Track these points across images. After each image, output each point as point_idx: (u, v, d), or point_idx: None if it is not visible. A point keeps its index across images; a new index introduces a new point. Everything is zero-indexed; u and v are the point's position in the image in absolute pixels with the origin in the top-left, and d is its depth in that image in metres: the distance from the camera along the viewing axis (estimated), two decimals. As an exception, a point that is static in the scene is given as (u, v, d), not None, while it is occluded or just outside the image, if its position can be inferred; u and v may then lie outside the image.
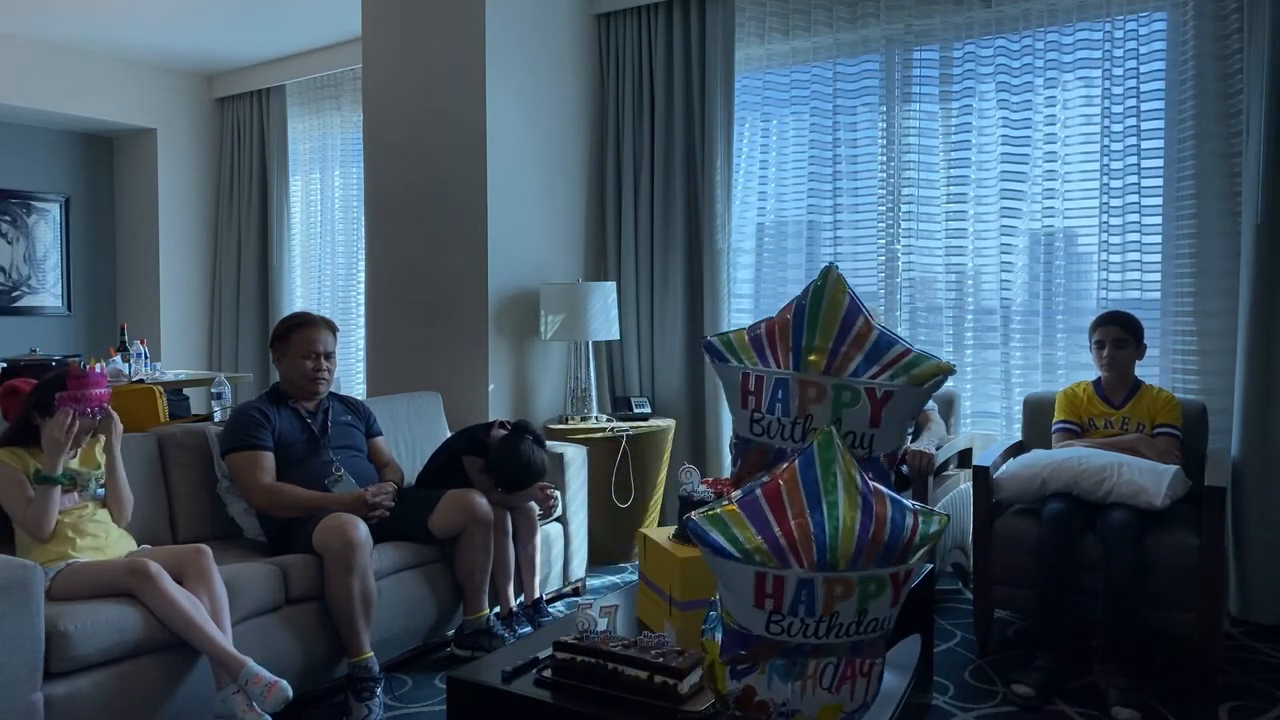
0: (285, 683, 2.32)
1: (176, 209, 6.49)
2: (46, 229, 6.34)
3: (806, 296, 1.94)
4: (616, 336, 4.34)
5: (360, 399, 3.41)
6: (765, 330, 2.00)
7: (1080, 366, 3.74)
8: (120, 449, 2.65)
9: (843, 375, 1.89)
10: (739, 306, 4.51)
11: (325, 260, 6.09)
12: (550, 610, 3.35)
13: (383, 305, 4.47)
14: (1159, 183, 3.58)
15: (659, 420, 4.34)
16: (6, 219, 6.15)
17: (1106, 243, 3.69)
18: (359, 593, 2.68)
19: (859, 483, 1.63)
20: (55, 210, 6.38)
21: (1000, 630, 3.30)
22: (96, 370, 2.71)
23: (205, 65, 6.35)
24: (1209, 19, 3.40)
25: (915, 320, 4.12)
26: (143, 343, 5.03)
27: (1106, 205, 3.68)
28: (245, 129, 6.44)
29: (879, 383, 1.87)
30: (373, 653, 2.69)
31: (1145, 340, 3.27)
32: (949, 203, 4.00)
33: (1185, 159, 3.48)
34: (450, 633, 3.16)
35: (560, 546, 3.63)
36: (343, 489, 2.99)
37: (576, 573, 3.76)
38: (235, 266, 6.46)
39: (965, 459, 3.80)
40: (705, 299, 4.42)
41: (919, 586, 2.49)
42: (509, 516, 3.23)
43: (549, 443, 3.85)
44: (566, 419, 4.25)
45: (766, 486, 1.63)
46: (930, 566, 2.66)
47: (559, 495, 3.42)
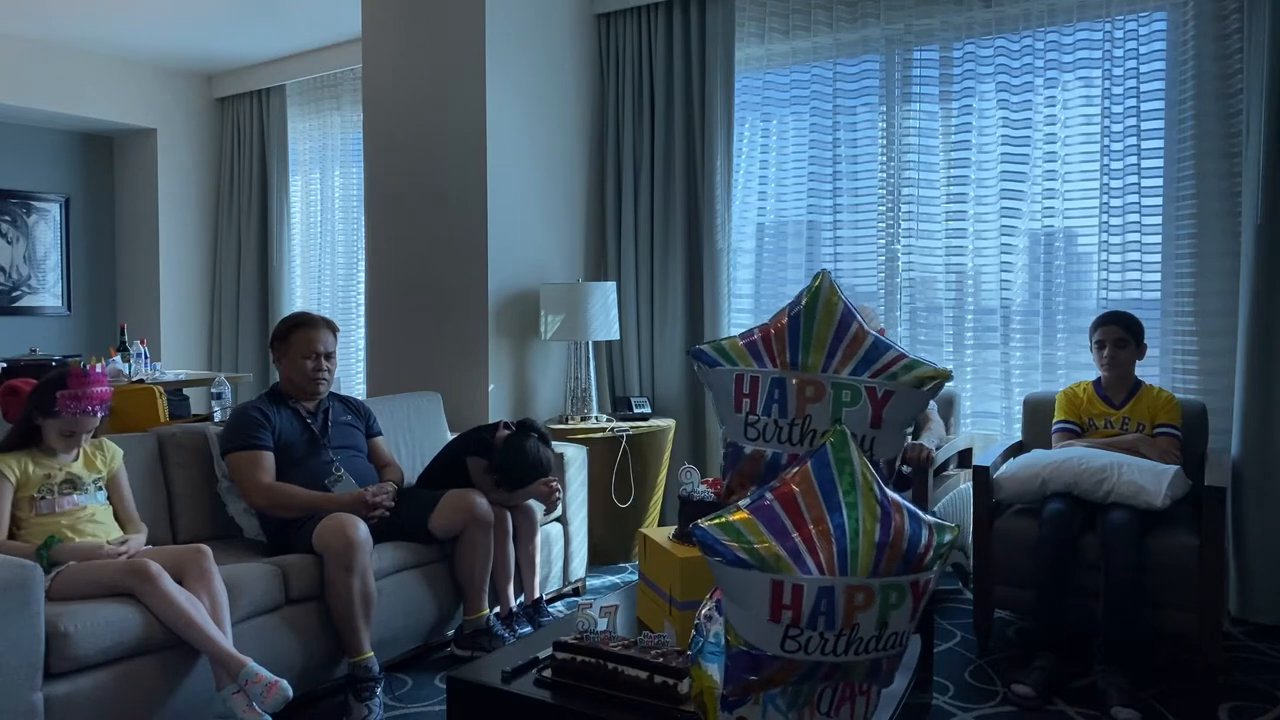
0: (285, 683, 2.32)
1: (176, 209, 6.49)
2: (46, 229, 6.34)
3: (800, 304, 1.91)
4: (616, 336, 4.34)
5: (360, 399, 3.41)
6: (760, 335, 1.95)
7: (1080, 366, 3.74)
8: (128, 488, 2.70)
9: (842, 374, 1.86)
10: (739, 306, 4.51)
11: (325, 260, 6.09)
12: (550, 610, 3.35)
13: (383, 305, 4.47)
14: (1159, 183, 3.58)
15: (659, 420, 4.34)
16: (6, 219, 6.15)
17: (1106, 243, 3.69)
18: (359, 593, 2.68)
19: (875, 487, 1.54)
20: (55, 210, 6.38)
21: (1000, 630, 3.30)
22: (97, 370, 2.71)
23: (205, 65, 6.35)
24: (1209, 19, 3.40)
25: (915, 320, 4.12)
26: (143, 343, 5.03)
27: (1106, 205, 3.68)
28: (245, 129, 6.44)
29: (879, 382, 1.83)
30: (373, 653, 2.69)
31: (1145, 340, 3.27)
32: (949, 203, 4.00)
33: (1185, 159, 3.48)
34: (450, 633, 3.16)
35: (560, 546, 3.63)
36: (343, 489, 2.99)
37: (576, 573, 3.76)
38: (235, 266, 6.46)
39: (965, 459, 3.80)
40: (705, 299, 4.42)
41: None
42: (509, 516, 3.23)
43: (549, 443, 3.86)
44: (566, 419, 4.25)
45: (779, 490, 1.53)
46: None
47: (561, 489, 3.41)
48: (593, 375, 4.31)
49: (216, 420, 3.50)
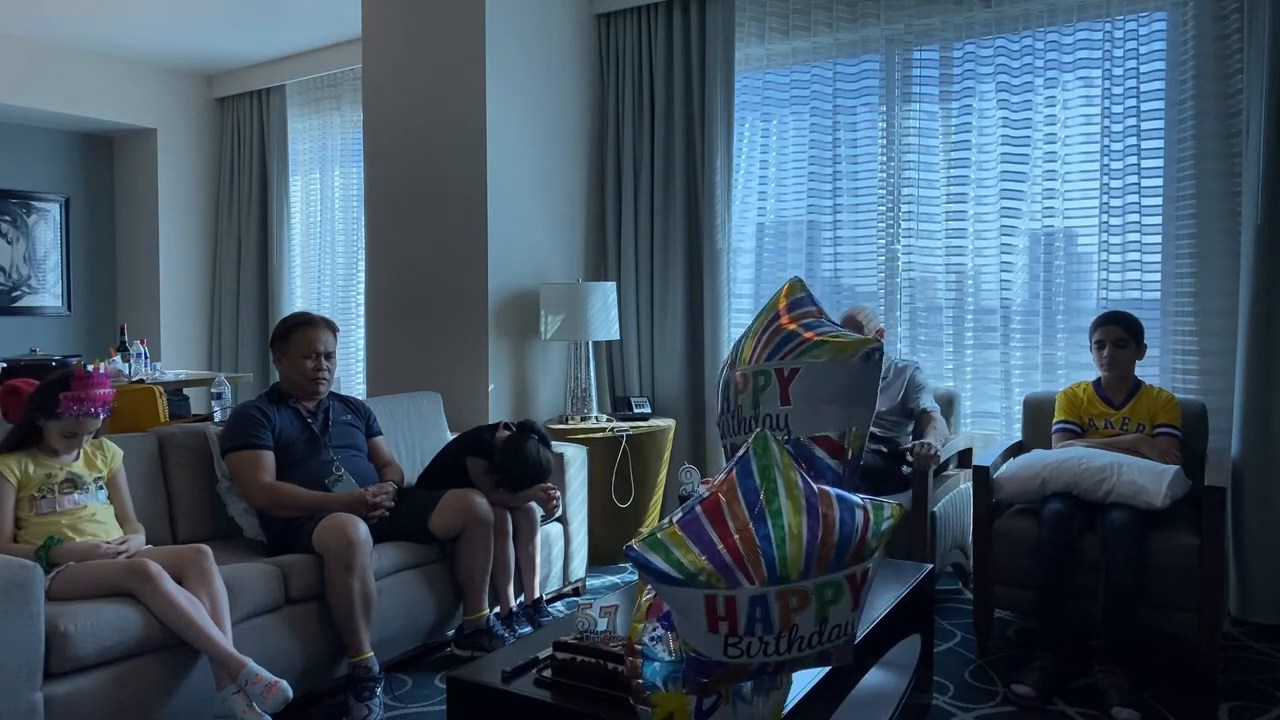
0: (285, 683, 2.32)
1: (176, 209, 6.49)
2: (46, 229, 6.34)
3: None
4: (616, 336, 4.34)
5: (360, 399, 3.41)
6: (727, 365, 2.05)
7: (1080, 366, 3.74)
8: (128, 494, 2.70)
9: (759, 363, 1.90)
10: (739, 306, 4.51)
11: (325, 260, 6.09)
12: (550, 610, 3.35)
13: (383, 305, 4.47)
14: (1159, 183, 3.58)
15: (659, 420, 4.34)
16: (6, 219, 6.15)
17: (1106, 243, 3.69)
18: (359, 593, 2.68)
19: (801, 485, 1.53)
20: (55, 210, 6.38)
21: (1000, 630, 3.30)
22: (100, 371, 2.72)
23: (205, 65, 6.35)
24: (1209, 19, 3.40)
25: (915, 320, 4.12)
26: (143, 343, 5.03)
27: (1106, 205, 3.68)
28: (245, 129, 6.44)
29: (786, 362, 1.87)
30: (373, 653, 2.69)
31: (1145, 340, 3.27)
32: (949, 203, 4.00)
33: (1185, 159, 3.48)
34: (450, 633, 3.16)
35: (560, 546, 3.63)
36: (343, 488, 2.99)
37: (576, 573, 3.76)
38: (235, 266, 6.46)
39: (965, 459, 3.80)
40: (705, 299, 4.42)
41: (919, 586, 2.49)
42: (509, 517, 3.23)
43: (549, 443, 3.86)
44: (566, 419, 4.25)
45: (706, 501, 1.52)
46: (931, 566, 2.66)
47: (560, 495, 3.41)
48: (593, 375, 4.31)
49: (216, 420, 3.50)
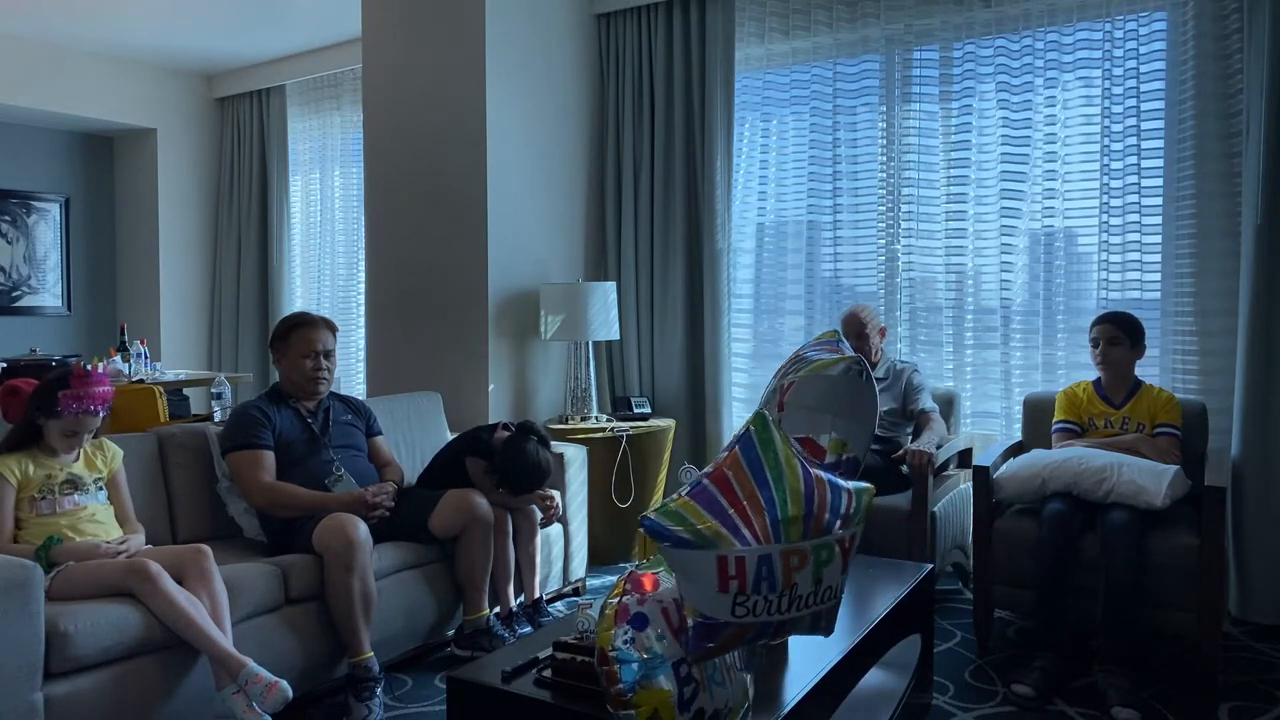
0: (285, 683, 2.32)
1: (176, 209, 6.49)
2: (46, 229, 6.34)
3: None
4: (616, 336, 4.34)
5: (360, 399, 3.41)
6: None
7: (1080, 366, 3.74)
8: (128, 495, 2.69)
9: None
10: (739, 306, 4.51)
11: (325, 260, 6.09)
12: (550, 610, 3.35)
13: (383, 305, 4.47)
14: (1159, 183, 3.58)
15: (659, 420, 4.34)
16: (6, 219, 6.15)
17: (1106, 243, 3.69)
18: (359, 593, 2.68)
19: (798, 463, 1.70)
20: (55, 210, 6.38)
21: (1000, 630, 3.30)
22: (99, 370, 2.71)
23: (205, 65, 6.35)
24: (1209, 19, 3.40)
25: (915, 320, 4.12)
26: (143, 343, 5.03)
27: (1106, 205, 3.68)
28: (245, 129, 6.44)
29: (787, 380, 2.10)
30: (373, 653, 2.69)
31: (1145, 340, 3.26)
32: (949, 203, 3.99)
33: (1185, 159, 3.48)
34: (450, 633, 3.16)
35: (560, 546, 3.63)
36: (343, 488, 2.99)
37: (576, 573, 3.76)
38: (235, 266, 6.46)
39: (965, 459, 3.80)
40: (705, 299, 4.42)
41: (919, 586, 2.49)
42: (509, 517, 3.23)
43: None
44: (566, 419, 4.25)
45: (713, 475, 1.67)
46: (931, 566, 2.66)
47: (558, 498, 3.41)
48: (593, 375, 4.31)
49: (216, 420, 3.50)
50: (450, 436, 3.75)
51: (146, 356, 4.94)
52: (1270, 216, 3.22)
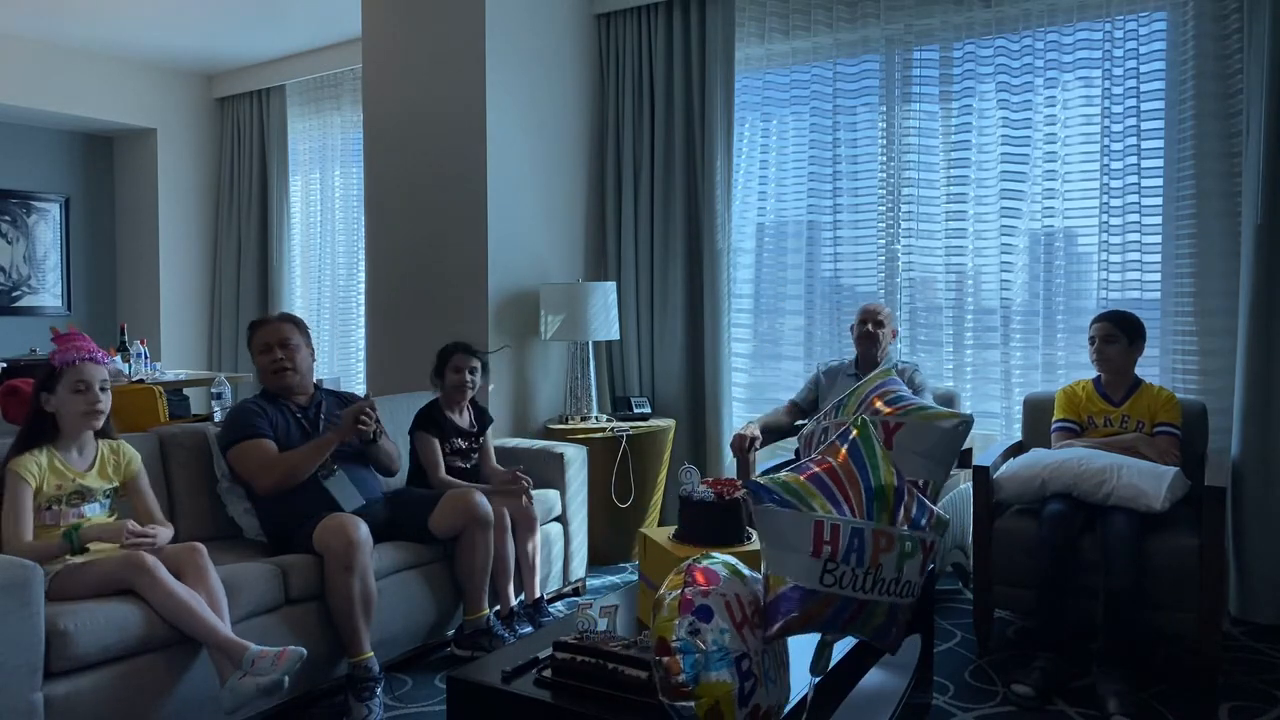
0: (296, 646, 2.31)
1: (176, 209, 6.49)
2: (46, 229, 6.34)
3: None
4: (616, 336, 4.34)
5: (355, 394, 3.40)
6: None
7: (1080, 366, 3.73)
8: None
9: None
10: (739, 306, 4.51)
11: (325, 260, 6.09)
12: (550, 610, 3.35)
13: (383, 305, 4.47)
14: (1159, 183, 3.58)
15: (659, 420, 4.34)
16: (6, 219, 6.15)
17: (1106, 243, 3.69)
18: (359, 593, 2.68)
19: (893, 471, 1.82)
20: (55, 210, 6.38)
21: (1000, 630, 3.30)
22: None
23: (205, 65, 6.35)
24: (1209, 19, 3.40)
25: (915, 320, 4.12)
26: (143, 343, 5.03)
27: (1106, 205, 3.68)
28: (245, 129, 6.44)
29: (894, 417, 2.32)
30: (373, 653, 2.69)
31: (1145, 340, 3.26)
32: (949, 203, 4.00)
33: (1185, 159, 3.48)
34: (450, 633, 3.16)
35: (560, 546, 3.63)
36: (337, 483, 2.97)
37: (576, 573, 3.76)
38: (235, 266, 6.46)
39: (965, 459, 3.79)
40: (705, 299, 4.42)
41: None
42: (508, 515, 3.23)
43: (549, 442, 3.85)
44: (566, 419, 4.25)
45: (821, 465, 1.78)
46: (931, 567, 2.66)
47: (529, 479, 3.38)
48: (593, 375, 4.31)
49: (216, 420, 3.50)
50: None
51: (146, 356, 4.94)
52: (1270, 216, 3.22)
